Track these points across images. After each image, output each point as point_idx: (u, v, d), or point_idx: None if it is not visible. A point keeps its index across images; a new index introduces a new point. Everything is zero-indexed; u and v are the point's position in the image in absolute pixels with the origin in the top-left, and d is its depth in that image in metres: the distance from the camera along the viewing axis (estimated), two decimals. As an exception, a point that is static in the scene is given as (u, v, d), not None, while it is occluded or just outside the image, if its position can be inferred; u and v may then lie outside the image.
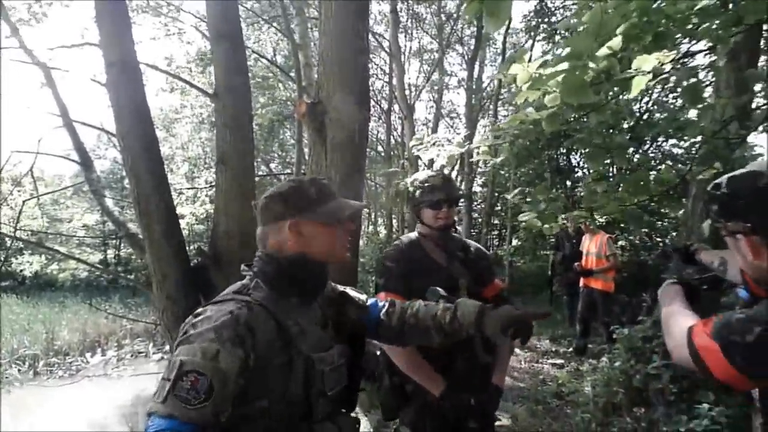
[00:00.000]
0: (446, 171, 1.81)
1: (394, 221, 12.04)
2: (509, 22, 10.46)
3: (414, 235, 1.77)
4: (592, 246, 5.06)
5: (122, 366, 7.38)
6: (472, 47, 11.16)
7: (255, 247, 1.09)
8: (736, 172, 0.89)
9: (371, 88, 12.17)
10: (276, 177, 11.35)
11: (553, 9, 9.17)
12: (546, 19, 9.14)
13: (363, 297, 1.24)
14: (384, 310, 1.22)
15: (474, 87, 10.97)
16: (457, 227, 1.79)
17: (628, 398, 3.20)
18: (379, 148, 12.86)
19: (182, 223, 9.94)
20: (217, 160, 3.37)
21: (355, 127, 2.48)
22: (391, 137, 12.21)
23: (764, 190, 0.82)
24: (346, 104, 2.50)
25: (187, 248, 3.10)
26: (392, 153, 11.83)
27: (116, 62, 2.57)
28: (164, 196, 2.77)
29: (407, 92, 10.60)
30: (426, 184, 1.67)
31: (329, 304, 1.15)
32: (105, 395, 5.92)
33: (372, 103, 12.52)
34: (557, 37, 8.00)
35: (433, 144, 2.29)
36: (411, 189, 1.72)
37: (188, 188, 10.87)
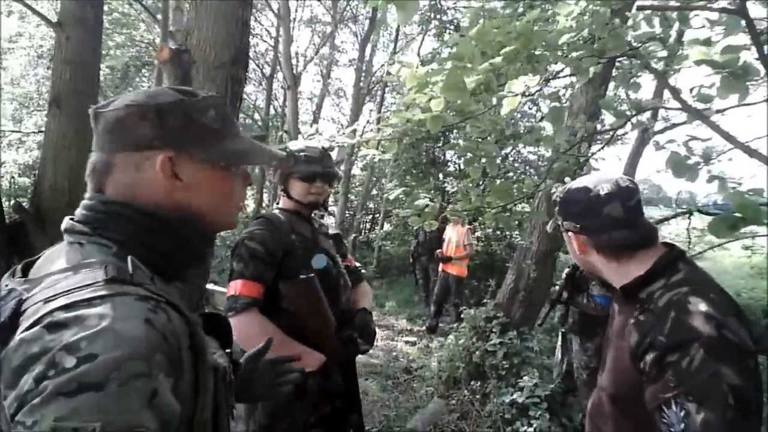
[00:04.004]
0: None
1: (265, 195, 11.53)
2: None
3: (275, 212, 1.60)
4: (453, 235, 5.53)
5: None
6: (365, 27, 11.11)
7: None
8: (572, 183, 1.06)
9: (254, 49, 11.50)
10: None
11: (446, 8, 9.61)
12: (438, 16, 9.55)
13: None
14: None
15: (364, 69, 10.98)
16: (327, 208, 1.73)
17: (468, 372, 3.58)
18: (257, 116, 12.12)
19: (2, 172, 8.09)
20: (50, 100, 2.81)
21: (227, 84, 2.23)
22: (271, 106, 11.59)
23: (593, 199, 0.97)
24: (219, 57, 2.22)
25: (3, 203, 2.55)
26: (270, 123, 11.25)
27: None
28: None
29: (294, 61, 10.12)
30: (301, 154, 1.53)
31: None
32: None
33: (252, 65, 11.77)
34: (446, 36, 8.46)
35: (322, 135, 2.20)
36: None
37: (13, 131, 8.86)
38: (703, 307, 0.81)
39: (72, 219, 0.64)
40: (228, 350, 0.79)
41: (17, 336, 0.50)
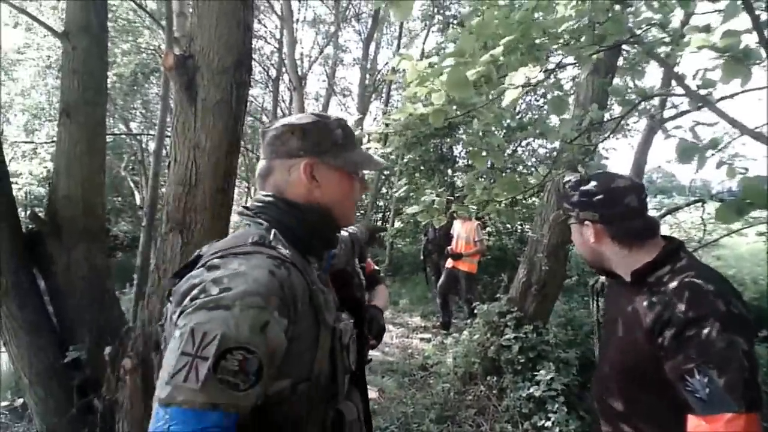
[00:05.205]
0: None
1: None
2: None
3: None
4: (462, 231, 5.49)
5: None
6: (368, 26, 11.11)
7: (101, 216, 0.93)
8: (593, 174, 1.13)
9: (259, 51, 11.56)
10: (136, 138, 10.01)
11: (448, 3, 9.57)
12: (441, 11, 9.51)
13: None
14: None
15: (369, 67, 10.96)
16: None
17: (483, 368, 3.57)
18: (264, 118, 12.19)
19: (18, 183, 8.25)
20: (61, 110, 2.86)
21: (232, 88, 2.24)
22: (278, 108, 11.64)
23: (614, 190, 1.06)
24: (223, 62, 2.24)
25: (19, 213, 2.62)
26: (279, 125, 11.24)
27: None
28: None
29: (299, 62, 10.16)
30: None
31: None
32: None
33: (259, 68, 11.84)
34: (449, 31, 8.43)
35: None
36: None
37: (25, 142, 9.02)
38: (711, 287, 0.92)
39: (244, 207, 0.90)
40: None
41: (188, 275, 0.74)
